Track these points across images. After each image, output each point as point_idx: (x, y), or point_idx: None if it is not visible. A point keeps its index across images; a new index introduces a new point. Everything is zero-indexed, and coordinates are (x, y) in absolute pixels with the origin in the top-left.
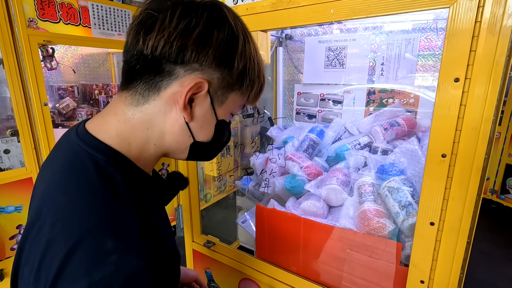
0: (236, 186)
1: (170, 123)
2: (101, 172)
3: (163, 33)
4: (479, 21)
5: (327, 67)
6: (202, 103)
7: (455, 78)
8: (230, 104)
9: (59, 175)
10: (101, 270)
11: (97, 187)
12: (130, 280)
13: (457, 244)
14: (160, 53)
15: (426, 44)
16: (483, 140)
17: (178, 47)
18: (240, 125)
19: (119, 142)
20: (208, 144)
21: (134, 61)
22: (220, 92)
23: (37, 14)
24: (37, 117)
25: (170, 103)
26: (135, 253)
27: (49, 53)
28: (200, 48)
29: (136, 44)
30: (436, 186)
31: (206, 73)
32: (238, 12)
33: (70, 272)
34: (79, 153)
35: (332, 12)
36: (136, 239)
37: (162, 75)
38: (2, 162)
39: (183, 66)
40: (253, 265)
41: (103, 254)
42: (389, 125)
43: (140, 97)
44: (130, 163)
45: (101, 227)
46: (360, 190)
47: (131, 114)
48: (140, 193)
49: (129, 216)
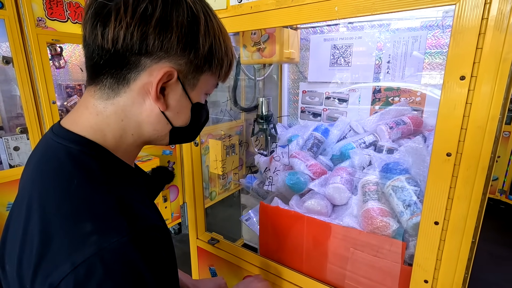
0: (241, 184)
1: (145, 114)
2: (75, 161)
3: (121, 24)
4: (486, 18)
5: (333, 65)
6: (174, 90)
7: (460, 76)
8: (203, 86)
9: (35, 170)
10: (82, 251)
11: (71, 175)
12: (115, 258)
13: (462, 244)
14: (122, 46)
15: (434, 42)
16: (489, 139)
17: (139, 37)
18: (245, 124)
19: (93, 133)
20: (188, 127)
21: (97, 56)
22: (190, 76)
23: (46, 13)
24: (45, 115)
25: (142, 94)
26: (115, 231)
27: (57, 52)
28: (162, 35)
29: (95, 38)
30: (441, 185)
31: (173, 59)
32: (243, 11)
33: (51, 259)
34: (53, 146)
35: (336, 9)
36: (115, 218)
37: (129, 68)
38: (12, 159)
39: (148, 55)
40: (256, 262)
41: (82, 236)
42: (394, 124)
43: (109, 91)
44: (106, 152)
45: (77, 212)
46: (364, 188)
47: (102, 107)
48: (117, 179)
49: (105, 198)
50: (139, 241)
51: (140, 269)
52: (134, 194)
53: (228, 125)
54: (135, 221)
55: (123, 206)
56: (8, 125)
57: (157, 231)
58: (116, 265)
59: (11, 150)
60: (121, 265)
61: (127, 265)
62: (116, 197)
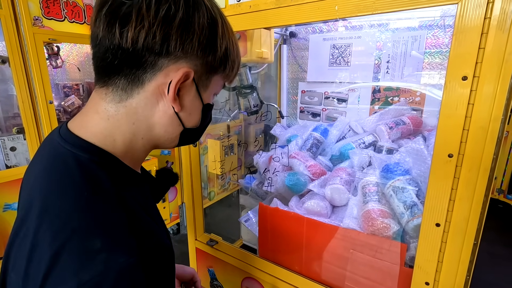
0: (240, 185)
1: (158, 115)
2: (84, 170)
3: (143, 23)
4: (489, 18)
5: (332, 65)
6: (188, 91)
7: (463, 76)
8: (213, 87)
9: (42, 177)
10: (90, 269)
11: (81, 186)
12: (121, 278)
13: (464, 246)
14: (143, 46)
15: (433, 42)
16: (491, 140)
17: (161, 37)
18: (244, 123)
19: (103, 139)
20: (197, 129)
21: (111, 56)
22: (204, 77)
23: (42, 12)
24: (42, 115)
25: (156, 95)
26: (124, 251)
27: (54, 51)
28: (184, 36)
29: (112, 37)
30: (442, 186)
31: (190, 60)
32: (241, 10)
33: (58, 275)
34: (61, 153)
35: (336, 9)
36: (125, 236)
37: (145, 68)
38: (8, 160)
39: (167, 56)
40: (256, 264)
41: (91, 253)
42: (394, 124)
43: (122, 93)
44: (116, 160)
45: (87, 227)
46: (364, 189)
47: (114, 110)
48: (126, 190)
49: (115, 214)
50: (146, 263)
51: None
52: (143, 205)
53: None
54: (144, 240)
55: (133, 223)
56: (5, 125)
57: (165, 251)
58: (121, 285)
59: (7, 150)
60: (126, 286)
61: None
62: (126, 212)
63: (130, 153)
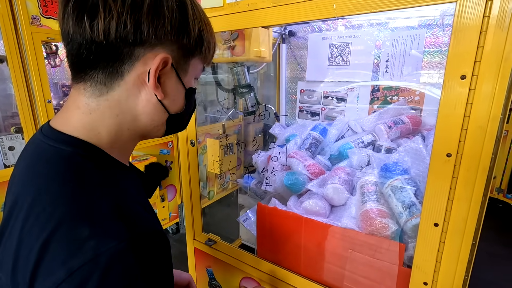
0: (238, 184)
1: (142, 105)
2: (68, 163)
3: (111, 13)
4: (488, 16)
5: (331, 64)
6: (169, 77)
7: (461, 75)
8: (193, 70)
9: (25, 175)
10: (79, 257)
11: (65, 178)
12: (112, 263)
13: (462, 246)
14: (115, 37)
15: (432, 41)
16: (490, 139)
17: (132, 25)
18: (243, 123)
19: (87, 133)
20: (182, 114)
21: (86, 51)
22: (182, 62)
23: (40, 11)
24: (41, 114)
25: (137, 85)
26: (113, 236)
27: (52, 51)
28: (155, 22)
29: (83, 32)
30: (440, 186)
31: (166, 46)
32: (239, 8)
33: (47, 266)
34: (44, 149)
35: (334, 7)
36: (113, 222)
37: (122, 60)
38: (7, 159)
39: (142, 45)
40: (254, 264)
41: (79, 241)
42: (393, 123)
43: (102, 87)
44: (101, 152)
45: (74, 216)
46: (363, 189)
47: (95, 104)
48: (113, 180)
49: (103, 201)
50: (137, 246)
51: (137, 275)
52: (132, 195)
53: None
54: (134, 225)
55: (121, 209)
56: (3, 125)
57: (156, 236)
58: (113, 271)
59: (6, 150)
60: (118, 271)
61: (124, 271)
62: (114, 199)
63: (117, 145)
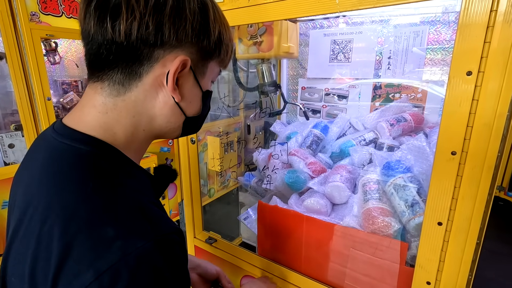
0: (239, 182)
1: (159, 106)
2: (86, 162)
3: (134, 14)
4: (495, 10)
5: (332, 61)
6: (187, 80)
7: (467, 72)
8: (210, 73)
9: (40, 174)
10: (106, 258)
11: (84, 178)
12: (140, 263)
13: (466, 245)
14: (136, 38)
15: (435, 37)
16: (496, 137)
17: (154, 27)
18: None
19: (103, 132)
20: (198, 117)
21: (105, 51)
22: (200, 64)
23: (39, 7)
24: (40, 111)
25: (155, 87)
26: (139, 236)
27: (52, 48)
28: (177, 24)
29: (104, 32)
30: (444, 184)
31: (185, 48)
32: (240, 4)
33: (71, 267)
34: (59, 148)
35: (337, 2)
36: (138, 222)
37: (141, 60)
38: (7, 157)
39: (162, 46)
40: (255, 262)
41: (105, 242)
42: (395, 121)
43: (119, 87)
44: (117, 152)
45: (97, 216)
46: (365, 187)
47: (112, 104)
48: (131, 180)
49: (125, 201)
50: (163, 245)
51: (164, 273)
52: (147, 195)
53: (226, 122)
54: (157, 224)
55: (143, 209)
56: (3, 122)
57: (177, 234)
58: (142, 271)
59: (6, 147)
60: (147, 271)
61: (153, 270)
62: (134, 199)
63: (133, 145)
